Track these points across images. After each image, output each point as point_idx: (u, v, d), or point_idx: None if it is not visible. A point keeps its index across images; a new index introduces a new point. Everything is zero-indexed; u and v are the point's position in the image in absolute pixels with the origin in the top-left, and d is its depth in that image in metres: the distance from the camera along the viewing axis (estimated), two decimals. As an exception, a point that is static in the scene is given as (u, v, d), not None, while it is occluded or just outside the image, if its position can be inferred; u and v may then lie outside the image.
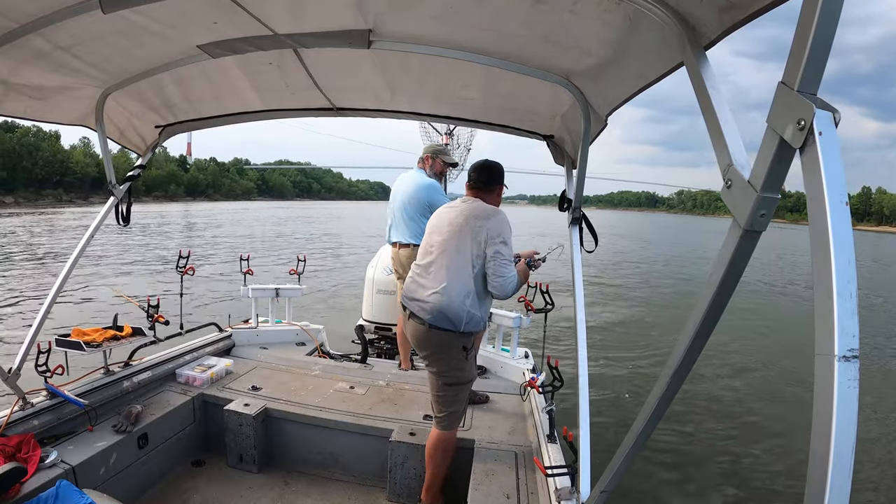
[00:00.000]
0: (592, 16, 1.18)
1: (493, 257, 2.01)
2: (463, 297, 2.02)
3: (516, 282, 2.07)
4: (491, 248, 2.02)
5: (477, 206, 2.14)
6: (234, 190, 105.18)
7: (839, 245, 0.64)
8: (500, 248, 2.02)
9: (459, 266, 2.04)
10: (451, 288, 2.02)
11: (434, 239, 2.15)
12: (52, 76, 1.72)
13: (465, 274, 2.03)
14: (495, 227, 2.04)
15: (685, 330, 0.95)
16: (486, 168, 2.24)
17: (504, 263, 2.02)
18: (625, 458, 1.22)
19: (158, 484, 2.32)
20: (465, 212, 2.12)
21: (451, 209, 2.22)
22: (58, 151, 59.91)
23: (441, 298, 2.02)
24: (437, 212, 2.29)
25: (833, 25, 0.64)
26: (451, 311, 2.01)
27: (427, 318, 2.05)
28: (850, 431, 0.61)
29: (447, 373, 2.09)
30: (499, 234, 2.03)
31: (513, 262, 2.08)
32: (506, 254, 2.03)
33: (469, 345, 2.08)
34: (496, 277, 2.01)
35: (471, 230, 2.05)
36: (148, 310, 2.89)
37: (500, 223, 2.06)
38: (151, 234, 22.13)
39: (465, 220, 2.08)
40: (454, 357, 2.07)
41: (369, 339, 4.05)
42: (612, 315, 9.83)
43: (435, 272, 2.08)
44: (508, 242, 2.05)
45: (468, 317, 2.03)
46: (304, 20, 1.45)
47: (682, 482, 4.01)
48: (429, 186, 3.22)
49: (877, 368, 7.44)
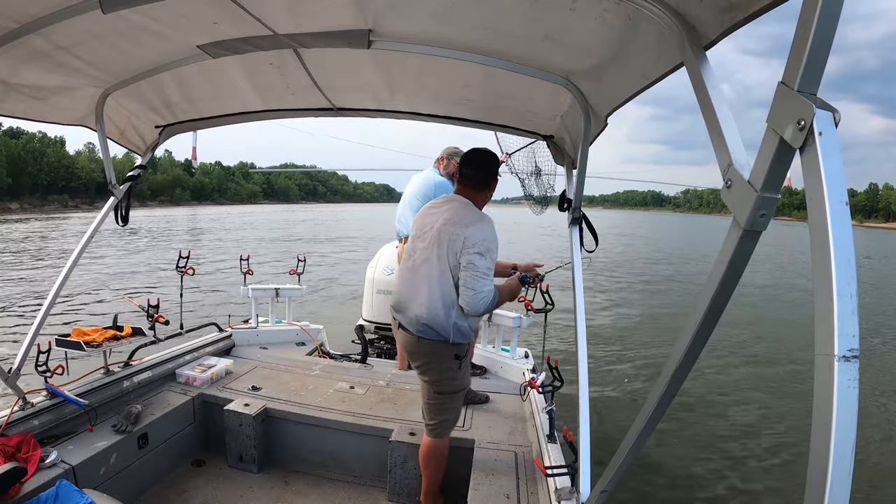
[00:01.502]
0: (592, 15, 1.18)
1: (466, 267, 1.86)
2: (447, 309, 1.92)
3: (491, 298, 1.89)
4: (465, 257, 1.87)
5: (458, 211, 1.98)
6: (240, 194, 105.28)
7: (839, 245, 0.64)
8: (475, 259, 1.85)
9: (439, 277, 1.92)
10: (433, 300, 1.92)
11: (417, 245, 2.04)
12: (52, 76, 1.72)
13: (446, 284, 1.92)
14: (474, 236, 1.88)
15: (685, 330, 0.95)
16: (481, 162, 2.06)
17: (477, 276, 1.85)
18: (625, 458, 1.22)
19: (158, 484, 2.32)
20: (445, 216, 1.98)
21: (435, 211, 2.06)
22: (63, 157, 59.79)
23: (425, 312, 1.93)
24: (422, 211, 2.15)
25: (833, 25, 0.64)
26: (437, 324, 1.93)
27: (414, 330, 1.98)
28: (850, 431, 0.61)
29: (439, 382, 2.02)
30: (475, 245, 1.87)
31: (489, 276, 1.90)
32: (480, 265, 1.86)
33: (462, 353, 2.01)
34: (465, 289, 1.86)
35: (448, 238, 1.91)
36: (148, 310, 2.89)
37: (481, 231, 1.90)
38: (157, 238, 22.21)
39: (444, 226, 1.95)
40: (446, 367, 1.99)
41: (369, 339, 4.05)
42: (612, 315, 9.83)
43: (418, 282, 1.98)
44: (487, 254, 1.87)
45: (455, 328, 1.94)
46: (304, 20, 1.45)
47: (683, 482, 4.01)
48: (438, 184, 3.29)
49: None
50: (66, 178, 59.14)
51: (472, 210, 2.02)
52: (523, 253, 18.15)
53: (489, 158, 2.10)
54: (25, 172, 53.91)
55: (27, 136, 56.63)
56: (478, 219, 1.96)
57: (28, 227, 27.69)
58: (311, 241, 23.71)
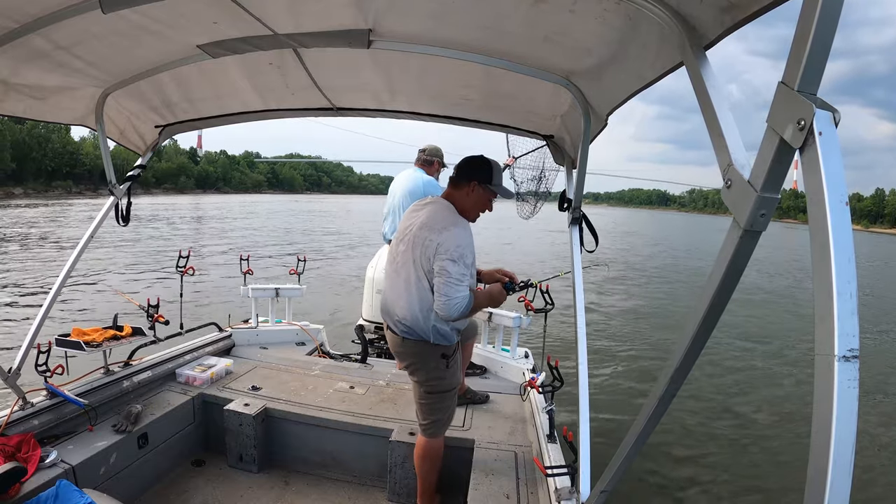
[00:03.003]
0: (592, 15, 1.18)
1: (439, 273, 1.86)
2: (425, 313, 1.93)
3: (465, 304, 1.87)
4: (438, 263, 1.86)
5: (434, 215, 1.98)
6: (245, 183, 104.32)
7: (839, 245, 0.64)
8: (447, 265, 1.84)
9: (416, 281, 1.94)
10: (412, 304, 1.94)
11: (399, 248, 2.04)
12: (52, 76, 1.72)
13: (423, 289, 1.93)
14: (446, 242, 1.87)
15: (685, 330, 0.95)
16: (460, 163, 2.09)
17: (450, 283, 1.84)
18: (625, 457, 1.22)
19: (158, 484, 2.32)
20: (423, 219, 1.98)
21: (415, 214, 2.07)
22: (68, 143, 59.26)
23: (407, 314, 1.96)
24: (407, 212, 2.15)
25: (833, 25, 0.64)
26: (417, 326, 1.96)
27: (398, 331, 2.01)
28: (850, 431, 0.61)
29: (427, 381, 2.04)
30: (447, 251, 1.85)
31: (464, 282, 1.88)
32: (453, 272, 1.84)
33: (449, 352, 2.02)
34: (439, 295, 1.86)
35: (421, 243, 1.92)
36: (148, 310, 2.89)
37: (454, 237, 1.88)
38: (161, 226, 22.20)
39: (419, 231, 1.95)
40: (433, 367, 2.01)
41: (369, 338, 4.05)
42: (611, 314, 9.83)
43: (399, 285, 2.00)
44: (459, 260, 1.86)
45: (434, 331, 1.96)
46: (304, 20, 1.45)
47: (683, 482, 4.01)
48: (427, 183, 3.29)
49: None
50: (70, 164, 58.63)
51: (449, 214, 1.99)
52: (524, 252, 18.14)
53: (471, 160, 2.08)
54: (30, 158, 53.45)
55: (32, 121, 55.97)
56: (451, 223, 1.94)
57: (37, 212, 27.55)
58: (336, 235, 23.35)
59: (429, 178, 3.32)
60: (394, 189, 3.40)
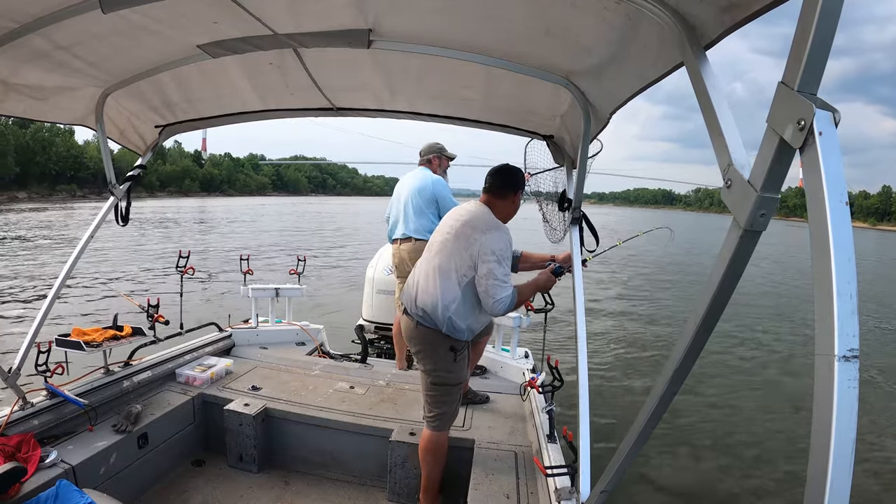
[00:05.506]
0: (592, 14, 1.19)
1: (486, 276, 1.94)
2: (447, 303, 2.00)
3: (510, 301, 1.96)
4: (483, 265, 1.94)
5: (479, 216, 2.08)
6: (249, 185, 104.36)
7: (839, 245, 0.64)
8: (494, 269, 1.93)
9: (448, 271, 2.01)
10: (437, 291, 2.01)
11: (436, 238, 2.15)
12: (52, 76, 1.72)
13: (453, 280, 2.00)
14: (489, 244, 1.95)
15: (685, 330, 0.96)
16: (500, 172, 2.17)
17: (496, 285, 1.93)
18: (625, 457, 1.22)
19: (158, 484, 2.32)
20: (466, 218, 2.08)
21: (459, 212, 2.18)
22: (72, 147, 58.89)
23: (427, 299, 2.03)
24: (451, 212, 2.26)
25: (833, 25, 0.64)
26: (435, 314, 2.02)
27: (414, 315, 2.08)
28: (850, 431, 0.61)
29: (434, 371, 2.08)
30: (492, 252, 1.93)
31: (508, 282, 1.97)
32: (499, 274, 1.94)
33: (458, 347, 2.06)
34: (489, 298, 1.94)
35: (465, 239, 2.00)
36: (148, 310, 2.89)
37: (497, 240, 1.97)
38: (167, 228, 22.14)
39: (463, 227, 2.04)
40: (441, 357, 2.06)
41: (369, 338, 4.05)
42: (612, 314, 9.83)
43: (430, 272, 2.07)
44: (503, 261, 1.96)
45: (449, 323, 2.01)
46: (304, 20, 1.45)
47: (683, 482, 4.00)
48: (437, 181, 3.24)
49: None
50: (74, 168, 58.29)
51: (491, 218, 2.08)
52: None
53: (512, 170, 2.19)
54: (34, 162, 53.10)
55: (36, 125, 55.03)
56: (494, 226, 2.04)
57: (40, 215, 27.47)
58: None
59: (437, 177, 3.28)
60: (400, 189, 3.36)
